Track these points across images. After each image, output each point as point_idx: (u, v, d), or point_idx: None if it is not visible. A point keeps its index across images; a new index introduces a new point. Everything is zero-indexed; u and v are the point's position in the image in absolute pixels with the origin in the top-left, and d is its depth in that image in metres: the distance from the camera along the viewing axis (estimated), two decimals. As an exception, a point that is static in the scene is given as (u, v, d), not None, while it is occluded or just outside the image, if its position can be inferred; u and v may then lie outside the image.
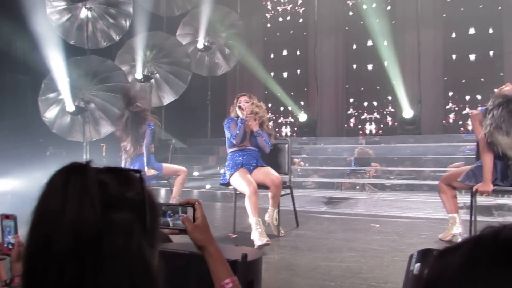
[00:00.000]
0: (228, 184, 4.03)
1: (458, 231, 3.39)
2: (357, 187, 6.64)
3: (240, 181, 3.87)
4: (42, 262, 0.67)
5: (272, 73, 10.42)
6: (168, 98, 8.13)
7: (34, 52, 6.76)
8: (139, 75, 7.68)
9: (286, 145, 4.42)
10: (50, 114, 6.85)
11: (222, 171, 4.21)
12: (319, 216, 5.04)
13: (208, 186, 7.08)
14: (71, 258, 0.66)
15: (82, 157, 6.99)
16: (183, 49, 8.23)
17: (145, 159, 4.96)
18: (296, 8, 10.79)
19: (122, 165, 5.27)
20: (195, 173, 7.60)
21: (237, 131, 3.99)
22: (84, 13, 7.32)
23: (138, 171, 0.77)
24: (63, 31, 7.38)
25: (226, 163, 4.09)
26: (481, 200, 4.17)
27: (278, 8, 11.03)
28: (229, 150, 4.14)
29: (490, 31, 8.85)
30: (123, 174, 0.76)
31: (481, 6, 8.87)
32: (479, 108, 3.44)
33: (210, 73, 9.08)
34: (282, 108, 10.63)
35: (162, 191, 6.86)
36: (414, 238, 3.84)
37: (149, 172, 4.98)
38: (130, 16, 7.52)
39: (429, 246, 3.48)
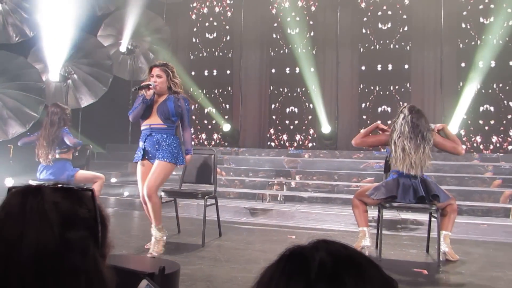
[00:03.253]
0: None
1: (366, 243, 3.62)
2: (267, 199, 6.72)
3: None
4: (3, 284, 0.69)
5: (198, 82, 10.30)
6: (86, 100, 7.77)
7: None
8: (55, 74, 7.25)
9: (212, 155, 4.44)
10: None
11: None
12: (239, 227, 5.10)
13: (126, 194, 6.86)
14: (33, 279, 0.69)
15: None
16: (105, 50, 7.93)
17: None
18: (222, 17, 10.82)
19: (39, 170, 4.93)
20: (113, 180, 7.32)
21: (135, 106, 3.72)
22: (-6, 5, 6.78)
23: (89, 189, 0.80)
24: (-32, 22, 6.77)
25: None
26: (387, 215, 4.51)
27: (205, 17, 10.98)
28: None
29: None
30: (74, 192, 0.79)
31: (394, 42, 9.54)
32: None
33: (132, 77, 8.82)
34: (205, 120, 10.52)
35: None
36: (327, 249, 4.02)
37: None
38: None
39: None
